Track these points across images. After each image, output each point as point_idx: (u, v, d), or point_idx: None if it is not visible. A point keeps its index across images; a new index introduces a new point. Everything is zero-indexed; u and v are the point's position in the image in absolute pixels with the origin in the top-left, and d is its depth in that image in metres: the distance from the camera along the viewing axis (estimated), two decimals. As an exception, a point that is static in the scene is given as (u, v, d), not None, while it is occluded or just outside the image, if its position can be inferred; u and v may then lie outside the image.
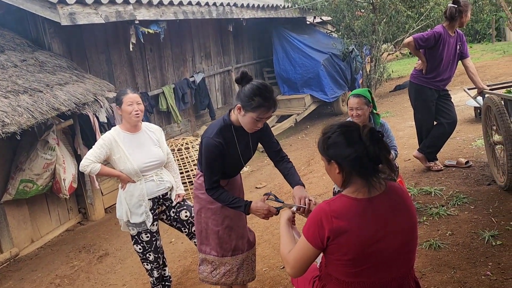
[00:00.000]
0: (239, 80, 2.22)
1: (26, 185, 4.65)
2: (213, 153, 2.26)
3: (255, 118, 2.18)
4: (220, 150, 2.26)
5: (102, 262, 4.42)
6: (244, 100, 2.16)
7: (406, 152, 5.13)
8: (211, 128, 2.33)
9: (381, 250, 1.55)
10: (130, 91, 2.99)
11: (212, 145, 2.25)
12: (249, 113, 2.17)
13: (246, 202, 2.31)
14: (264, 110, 2.16)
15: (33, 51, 5.15)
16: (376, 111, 3.01)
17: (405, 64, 14.76)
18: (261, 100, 2.14)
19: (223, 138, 2.28)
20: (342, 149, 1.57)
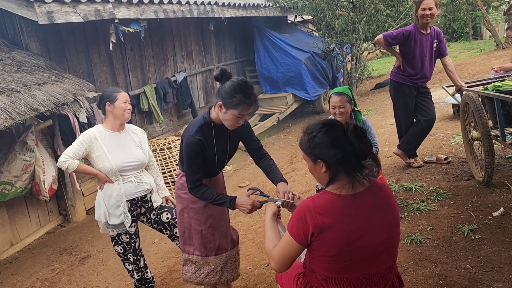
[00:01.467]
0: (219, 77, 2.21)
1: (4, 188, 4.54)
2: (194, 151, 2.25)
3: (236, 115, 2.17)
4: (201, 147, 2.26)
5: (84, 264, 4.35)
6: (225, 97, 2.15)
7: (387, 149, 5.21)
8: (191, 126, 2.32)
9: (364, 245, 1.57)
10: (121, 90, 3.01)
11: (192, 143, 2.24)
12: (231, 110, 2.16)
13: (231, 198, 2.31)
14: (245, 107, 2.16)
15: (10, 50, 5.03)
16: (357, 108, 3.05)
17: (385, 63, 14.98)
18: (243, 97, 2.13)
19: (203, 136, 2.28)
20: (329, 148, 1.58)
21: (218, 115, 2.26)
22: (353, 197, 1.57)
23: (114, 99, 2.93)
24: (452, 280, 2.52)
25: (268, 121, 8.76)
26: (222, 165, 2.50)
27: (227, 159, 2.50)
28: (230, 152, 2.48)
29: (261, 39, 9.39)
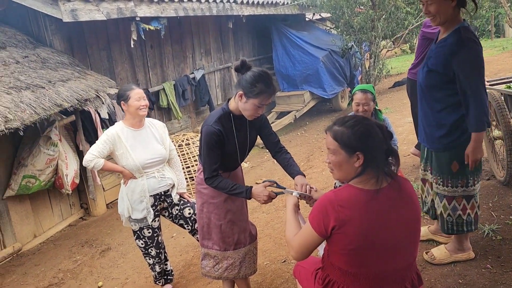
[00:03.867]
0: (239, 68, 2.24)
1: (29, 181, 4.68)
2: (213, 141, 2.28)
3: (257, 105, 2.21)
4: (219, 137, 2.28)
5: (104, 256, 4.45)
6: (246, 87, 2.19)
7: (406, 147, 5.16)
8: (210, 117, 2.36)
9: (384, 241, 1.58)
10: (135, 86, 3.03)
11: (211, 133, 2.27)
12: (251, 99, 2.20)
13: (247, 188, 2.33)
14: (266, 96, 2.20)
15: (34, 47, 5.16)
16: (378, 107, 3.05)
17: (404, 61, 14.80)
18: (263, 87, 2.17)
19: (222, 126, 2.30)
20: (372, 142, 1.59)
21: (237, 106, 2.29)
22: (376, 191, 1.58)
23: (128, 98, 2.97)
24: (472, 279, 2.51)
25: (285, 119, 8.77)
26: (242, 157, 2.52)
27: (247, 151, 2.52)
28: (249, 144, 2.50)
29: (279, 37, 9.40)
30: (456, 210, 2.52)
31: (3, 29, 5.27)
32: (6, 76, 4.39)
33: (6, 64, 4.62)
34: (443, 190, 2.53)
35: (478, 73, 2.30)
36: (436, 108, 2.46)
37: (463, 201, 2.50)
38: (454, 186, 2.49)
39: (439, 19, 2.35)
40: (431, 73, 2.42)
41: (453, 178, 2.48)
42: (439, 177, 2.53)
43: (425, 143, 2.63)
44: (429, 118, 2.51)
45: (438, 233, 2.94)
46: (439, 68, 2.35)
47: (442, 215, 2.57)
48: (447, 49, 2.32)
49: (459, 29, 2.33)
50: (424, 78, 2.47)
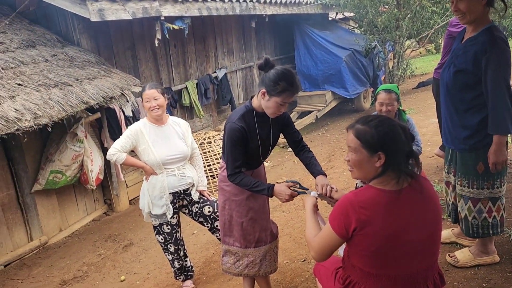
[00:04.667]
0: (263, 66, 2.25)
1: (56, 176, 4.82)
2: (236, 138, 2.30)
3: (279, 103, 2.21)
4: (243, 134, 2.30)
5: (127, 251, 4.55)
6: (269, 85, 2.19)
7: (429, 149, 5.08)
8: (234, 114, 2.38)
9: (406, 242, 1.56)
10: (148, 87, 3.06)
11: (235, 130, 2.29)
12: (274, 97, 2.20)
13: (269, 185, 2.34)
14: (288, 95, 2.20)
15: (63, 46, 5.31)
16: (402, 107, 3.01)
17: (428, 61, 14.53)
18: (286, 85, 2.17)
19: (246, 123, 2.32)
20: (395, 142, 1.58)
21: (260, 104, 2.31)
22: (397, 192, 1.57)
23: (142, 99, 3.08)
24: (496, 283, 2.45)
25: (306, 119, 8.74)
26: (265, 155, 2.53)
27: (270, 149, 2.53)
28: (272, 142, 2.51)
29: (301, 36, 9.37)
30: (482, 213, 2.47)
31: (33, 28, 5.44)
32: (35, 74, 4.53)
33: (36, 62, 4.77)
34: (468, 192, 2.48)
35: (504, 74, 2.25)
36: (462, 109, 2.41)
37: (489, 203, 2.45)
38: (479, 188, 2.44)
39: (468, 17, 2.31)
40: (458, 73, 2.38)
41: (479, 180, 2.43)
42: (464, 178, 2.49)
43: (449, 144, 2.59)
44: (454, 119, 2.47)
45: (461, 236, 2.89)
46: (469, 66, 2.31)
47: (467, 218, 2.52)
48: (478, 47, 2.27)
49: (490, 28, 2.28)
50: (450, 78, 2.43)
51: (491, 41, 2.24)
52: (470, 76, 2.33)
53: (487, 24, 2.31)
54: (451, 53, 2.53)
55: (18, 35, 5.12)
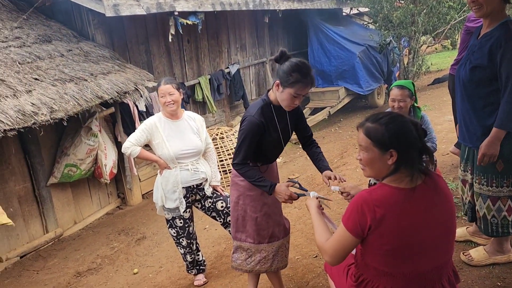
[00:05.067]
0: (278, 58, 2.26)
1: (71, 169, 4.89)
2: (253, 132, 2.30)
3: (292, 94, 2.21)
4: (260, 129, 2.31)
5: (140, 244, 4.60)
6: (283, 76, 2.20)
7: (444, 146, 5.01)
8: (252, 107, 2.38)
9: (421, 240, 1.55)
10: (163, 82, 3.06)
11: (253, 123, 2.29)
12: (287, 89, 2.21)
13: (271, 183, 2.33)
14: (301, 86, 2.19)
15: (78, 41, 5.37)
16: (417, 104, 2.97)
17: (444, 57, 14.31)
18: (299, 76, 2.17)
19: (264, 117, 2.32)
20: (406, 139, 1.55)
21: (276, 96, 2.31)
22: (411, 190, 1.55)
23: (157, 94, 3.11)
24: (511, 282, 2.42)
25: (318, 115, 8.70)
26: (282, 147, 2.53)
27: (283, 145, 2.53)
28: (288, 135, 2.51)
29: (315, 31, 9.31)
30: (501, 211, 2.43)
31: (49, 23, 5.50)
32: (51, 68, 4.59)
33: (52, 57, 4.83)
34: (487, 191, 2.44)
35: None
36: (478, 105, 2.37)
37: (508, 201, 2.41)
38: (499, 186, 2.40)
39: (485, 9, 2.26)
40: (475, 69, 2.34)
41: (498, 178, 2.39)
42: (482, 176, 2.44)
43: (466, 143, 2.55)
44: (471, 116, 2.43)
45: (476, 234, 2.85)
46: (484, 62, 2.27)
47: (486, 216, 2.48)
48: (493, 42, 2.23)
49: (507, 23, 2.24)
50: (467, 75, 2.39)
51: (506, 35, 2.19)
52: (486, 71, 2.29)
53: (503, 19, 2.26)
54: (467, 49, 2.48)
55: (35, 30, 5.19)
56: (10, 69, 4.30)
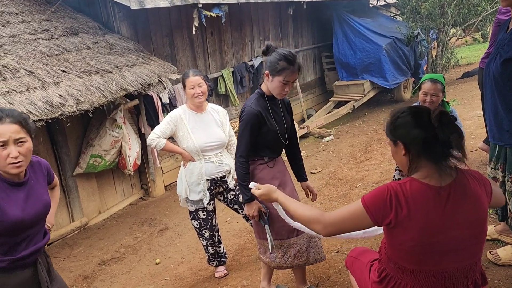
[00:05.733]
0: (265, 51, 2.39)
1: (96, 160, 4.98)
2: (252, 121, 2.39)
3: (282, 82, 2.33)
4: (259, 118, 2.40)
5: (162, 235, 4.66)
6: (271, 66, 2.33)
7: (473, 142, 4.86)
8: (249, 100, 2.49)
9: (447, 239, 1.50)
10: (192, 74, 3.08)
11: (252, 114, 2.39)
12: (276, 77, 2.33)
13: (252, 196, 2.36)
14: (289, 73, 2.31)
15: (104, 34, 5.44)
16: (446, 99, 2.88)
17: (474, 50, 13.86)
18: (286, 63, 2.30)
19: (260, 107, 2.43)
20: (409, 130, 1.54)
21: (267, 87, 2.42)
22: (441, 188, 1.50)
23: (184, 85, 3.08)
24: (541, 284, 2.33)
25: (342, 109, 8.58)
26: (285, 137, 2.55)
27: (285, 133, 2.55)
28: (286, 126, 2.57)
29: (340, 24, 9.15)
30: None
31: (76, 16, 5.60)
32: (78, 61, 4.68)
33: (79, 49, 4.92)
34: None
35: None
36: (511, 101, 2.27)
37: None
38: None
39: None
40: (506, 63, 2.23)
41: None
42: None
43: (496, 140, 2.44)
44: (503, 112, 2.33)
45: (504, 233, 2.76)
46: None
47: None
48: None
49: None
50: (498, 69, 2.29)
51: None
52: None
53: None
54: (496, 44, 2.37)
55: (62, 23, 5.29)
56: (39, 61, 4.40)
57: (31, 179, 1.96)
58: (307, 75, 9.56)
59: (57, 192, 2.36)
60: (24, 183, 1.91)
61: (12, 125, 1.81)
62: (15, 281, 1.88)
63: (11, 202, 1.83)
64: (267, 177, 2.49)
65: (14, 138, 1.80)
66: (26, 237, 1.89)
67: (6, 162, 1.79)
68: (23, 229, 1.86)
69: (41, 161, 2.12)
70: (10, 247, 1.85)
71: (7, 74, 3.97)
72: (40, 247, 1.97)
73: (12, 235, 1.84)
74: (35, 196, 1.94)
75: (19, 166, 1.82)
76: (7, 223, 1.79)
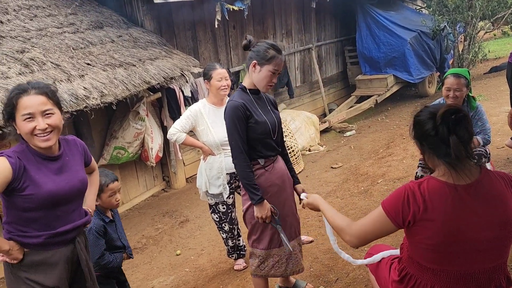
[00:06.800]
0: (248, 45, 2.36)
1: (119, 152, 5.07)
2: (238, 114, 2.29)
3: (271, 71, 2.29)
4: (244, 110, 2.31)
5: (183, 227, 4.72)
6: (259, 55, 2.29)
7: (500, 139, 4.74)
8: (232, 96, 2.43)
9: (468, 240, 1.47)
10: (219, 66, 3.09)
11: (236, 106, 2.30)
12: (265, 66, 2.29)
13: (261, 196, 2.31)
14: (279, 61, 2.29)
15: (128, 27, 5.51)
16: (471, 94, 2.81)
17: (503, 44, 13.44)
18: (275, 52, 2.29)
19: (244, 100, 2.34)
20: (420, 128, 1.55)
21: (251, 80, 2.37)
22: (460, 187, 1.47)
23: (210, 77, 3.06)
24: None
25: (365, 103, 8.47)
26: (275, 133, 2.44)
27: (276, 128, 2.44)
28: (277, 120, 2.46)
29: (363, 17, 9.00)
30: None
31: (101, 9, 5.69)
32: (102, 54, 4.76)
33: (103, 43, 4.99)
34: None
35: None
36: None
37: None
38: None
39: None
40: None
41: None
42: None
43: None
44: None
45: None
46: None
47: None
48: None
49: None
50: None
51: None
52: None
53: None
54: None
55: (88, 16, 5.38)
56: (65, 54, 4.49)
57: (66, 155, 1.92)
58: (330, 69, 9.46)
59: (97, 177, 2.33)
60: (57, 158, 1.87)
61: (38, 96, 1.76)
62: (55, 258, 1.88)
63: (44, 176, 1.80)
64: (265, 184, 2.38)
65: (41, 110, 1.75)
66: (62, 214, 1.87)
67: (33, 134, 1.75)
68: (58, 203, 1.83)
69: (78, 140, 2.11)
70: (46, 222, 1.83)
71: (34, 67, 4.07)
72: (79, 225, 1.95)
73: (48, 209, 1.81)
74: (70, 171, 1.90)
75: (47, 139, 1.77)
76: (41, 196, 1.77)
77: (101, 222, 2.44)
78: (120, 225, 2.66)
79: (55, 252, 1.89)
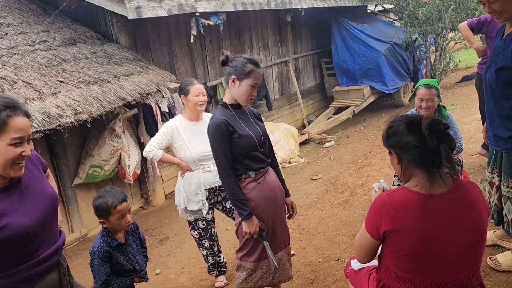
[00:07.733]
0: (225, 61, 2.38)
1: (95, 170, 4.97)
2: (221, 131, 2.30)
3: (250, 84, 2.31)
4: (227, 127, 2.31)
5: (162, 245, 4.63)
6: (237, 70, 2.32)
7: (472, 146, 4.84)
8: (213, 114, 2.43)
9: (442, 249, 1.49)
10: (196, 82, 3.08)
11: (218, 124, 2.31)
12: (244, 80, 2.31)
13: (250, 212, 2.32)
14: (257, 75, 2.32)
15: (102, 43, 5.46)
16: (442, 103, 2.88)
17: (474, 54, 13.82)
18: (253, 66, 2.32)
19: (226, 116, 2.35)
20: (400, 138, 1.56)
21: (231, 95, 2.38)
22: (432, 197, 1.49)
23: (187, 92, 3.04)
24: (544, 291, 2.30)
25: (343, 114, 8.58)
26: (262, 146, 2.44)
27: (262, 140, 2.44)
28: (262, 133, 2.46)
29: (338, 29, 9.17)
30: None
31: (74, 26, 5.62)
32: (76, 71, 4.69)
33: (77, 59, 4.93)
34: None
35: None
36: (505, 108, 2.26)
37: None
38: None
39: (505, 15, 2.18)
40: (500, 71, 2.23)
41: None
42: (511, 179, 2.33)
43: (493, 146, 2.44)
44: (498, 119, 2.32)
45: (504, 239, 2.73)
46: (509, 63, 2.16)
47: None
48: None
49: None
50: (492, 76, 2.28)
51: None
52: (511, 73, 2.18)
53: None
54: (492, 51, 2.37)
55: (60, 33, 5.31)
56: (37, 72, 4.41)
57: (25, 175, 1.64)
58: (307, 81, 9.56)
59: (53, 182, 2.04)
60: (15, 184, 1.60)
61: (25, 117, 1.53)
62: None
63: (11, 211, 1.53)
64: (257, 198, 2.39)
65: (29, 133, 1.54)
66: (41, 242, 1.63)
67: (13, 162, 1.51)
68: (34, 236, 1.59)
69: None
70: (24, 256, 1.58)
71: (5, 86, 3.97)
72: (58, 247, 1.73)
73: (25, 246, 1.57)
74: (36, 194, 1.65)
75: (22, 167, 1.56)
76: (13, 235, 1.51)
77: (106, 247, 2.27)
78: (137, 245, 2.47)
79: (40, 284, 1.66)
